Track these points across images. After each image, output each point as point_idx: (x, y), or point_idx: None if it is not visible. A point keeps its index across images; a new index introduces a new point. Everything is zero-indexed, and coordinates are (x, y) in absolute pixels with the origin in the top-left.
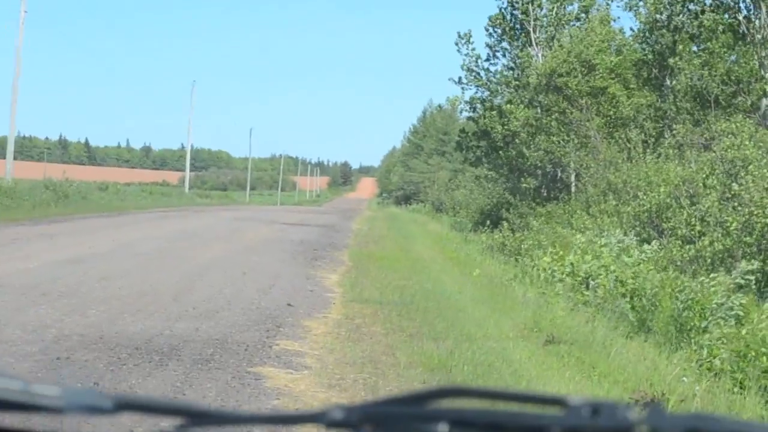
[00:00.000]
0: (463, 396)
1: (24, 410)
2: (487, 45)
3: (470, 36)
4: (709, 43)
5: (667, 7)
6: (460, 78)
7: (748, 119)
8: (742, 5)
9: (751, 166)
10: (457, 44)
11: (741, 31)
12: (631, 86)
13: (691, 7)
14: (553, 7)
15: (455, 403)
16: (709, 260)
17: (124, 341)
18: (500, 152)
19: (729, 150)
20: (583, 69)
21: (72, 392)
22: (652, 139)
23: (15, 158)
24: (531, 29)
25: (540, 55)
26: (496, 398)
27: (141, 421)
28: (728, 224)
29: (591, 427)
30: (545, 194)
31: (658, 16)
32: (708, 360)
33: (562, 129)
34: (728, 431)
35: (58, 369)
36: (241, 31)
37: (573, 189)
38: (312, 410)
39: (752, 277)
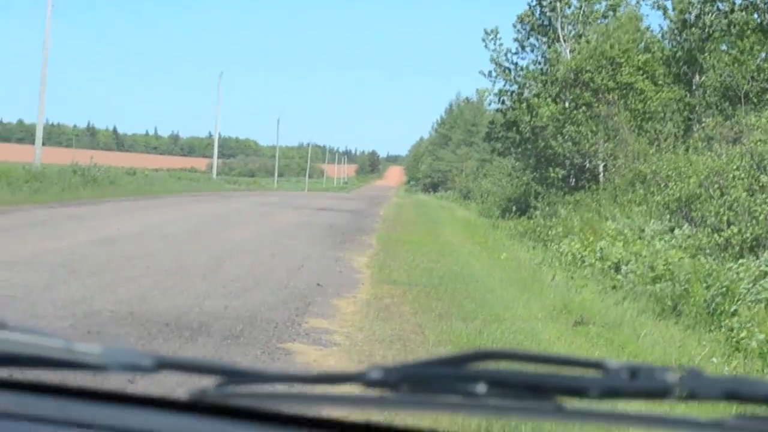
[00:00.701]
0: (501, 359)
1: (65, 368)
2: (516, 40)
3: (497, 32)
4: (738, 42)
5: (696, 5)
6: (490, 71)
7: None
8: None
9: None
10: (483, 40)
11: None
12: (660, 83)
13: (721, 6)
14: (581, 5)
15: (493, 366)
16: (737, 248)
17: (154, 317)
18: (528, 144)
19: (758, 143)
20: (609, 66)
21: (113, 351)
22: (681, 133)
23: (44, 145)
24: (559, 26)
25: (567, 51)
26: (534, 361)
27: (183, 382)
28: (757, 214)
29: (629, 389)
30: (573, 184)
31: (686, 15)
32: (739, 340)
33: (590, 121)
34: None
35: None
36: (270, 20)
37: (601, 179)
38: (351, 370)
39: None
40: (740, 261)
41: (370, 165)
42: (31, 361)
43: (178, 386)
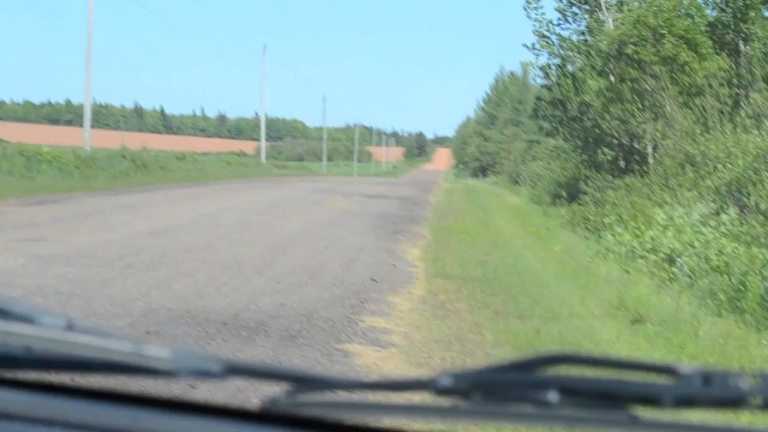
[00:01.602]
0: (572, 363)
1: (134, 373)
2: (557, 10)
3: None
4: None
5: None
6: (533, 44)
7: None
8: None
9: None
10: (525, 9)
11: None
12: (703, 51)
13: None
14: None
15: (563, 370)
16: None
17: (212, 316)
18: (575, 123)
19: None
20: (652, 37)
21: (183, 355)
22: (728, 108)
23: (92, 126)
24: None
25: (610, 20)
26: (605, 365)
27: (252, 387)
28: None
29: (703, 396)
30: (623, 166)
31: None
32: None
33: (636, 98)
34: None
35: (149, 344)
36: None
37: (650, 161)
38: (421, 377)
39: None
40: None
41: (418, 147)
42: (99, 366)
43: (239, 391)
